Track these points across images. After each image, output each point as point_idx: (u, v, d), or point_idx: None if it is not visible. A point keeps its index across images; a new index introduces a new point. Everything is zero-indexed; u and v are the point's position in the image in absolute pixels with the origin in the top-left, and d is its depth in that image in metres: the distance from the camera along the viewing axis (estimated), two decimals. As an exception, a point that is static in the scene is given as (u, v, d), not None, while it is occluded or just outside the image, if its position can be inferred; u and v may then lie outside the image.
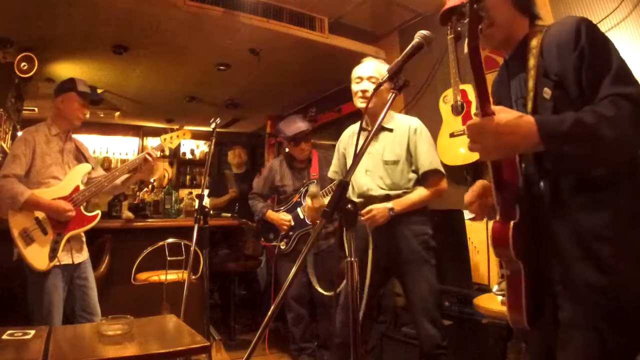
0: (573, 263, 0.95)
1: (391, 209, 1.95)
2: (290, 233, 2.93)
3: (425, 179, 2.04)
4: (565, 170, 0.93)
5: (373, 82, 2.04)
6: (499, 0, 1.10)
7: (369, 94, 2.00)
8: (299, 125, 3.00)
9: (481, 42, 1.15)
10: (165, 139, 2.61)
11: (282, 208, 3.06)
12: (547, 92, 1.00)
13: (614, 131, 0.86)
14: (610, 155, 0.92)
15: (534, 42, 1.07)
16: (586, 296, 0.92)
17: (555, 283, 1.02)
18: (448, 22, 1.32)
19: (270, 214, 3.02)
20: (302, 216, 2.92)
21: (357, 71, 2.12)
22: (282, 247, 2.95)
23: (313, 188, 2.14)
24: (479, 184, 1.20)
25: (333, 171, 2.34)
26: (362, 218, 1.94)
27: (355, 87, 2.11)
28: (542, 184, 1.02)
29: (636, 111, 0.88)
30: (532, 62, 1.05)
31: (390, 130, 2.10)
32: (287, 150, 3.20)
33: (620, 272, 0.91)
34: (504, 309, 1.08)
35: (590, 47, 0.96)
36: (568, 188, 0.97)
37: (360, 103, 2.08)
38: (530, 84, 1.04)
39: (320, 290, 2.44)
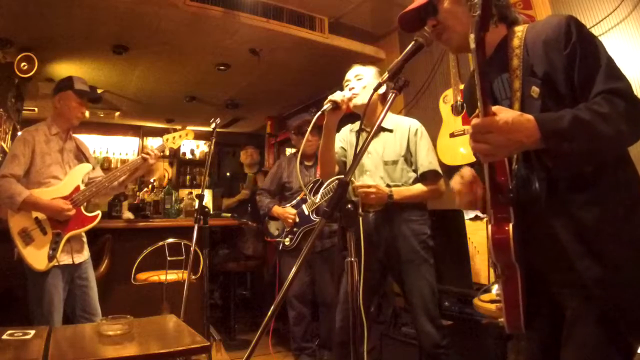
0: (577, 260, 0.94)
1: (390, 196, 1.95)
2: (295, 229, 2.96)
3: (424, 178, 2.05)
4: (562, 166, 0.93)
5: (359, 79, 2.06)
6: (455, 9, 1.10)
7: (355, 91, 2.00)
8: (304, 115, 3.07)
9: (443, 45, 1.18)
10: (167, 139, 2.59)
11: (287, 204, 3.10)
12: (535, 91, 1.00)
13: (610, 127, 0.88)
14: (606, 150, 0.94)
15: (515, 43, 1.07)
16: (592, 291, 0.93)
17: (555, 282, 1.02)
18: (411, 28, 1.18)
19: (276, 209, 3.07)
20: (307, 212, 2.96)
21: (345, 77, 2.14)
22: (287, 243, 2.98)
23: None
24: (469, 172, 1.18)
25: None
26: (359, 189, 1.92)
27: (345, 90, 2.08)
28: (536, 184, 1.02)
29: (629, 106, 0.91)
30: (515, 62, 1.05)
31: (390, 130, 2.10)
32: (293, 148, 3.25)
33: (623, 265, 0.92)
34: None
35: (582, 45, 0.97)
36: (564, 187, 0.97)
37: (352, 102, 1.96)
38: (517, 84, 1.04)
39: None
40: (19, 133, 3.63)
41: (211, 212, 2.48)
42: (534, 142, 0.89)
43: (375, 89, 1.25)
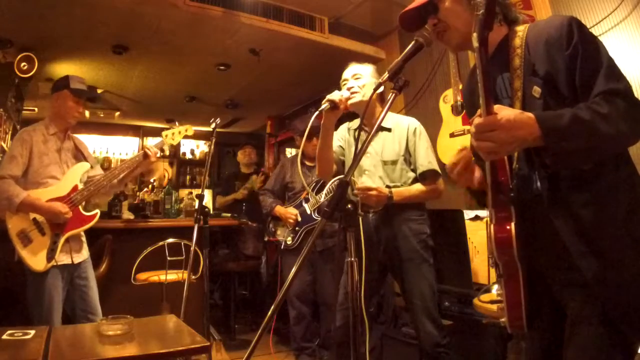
0: (579, 259, 0.95)
1: (389, 197, 1.95)
2: (297, 228, 2.99)
3: (423, 178, 2.05)
4: (560, 164, 0.94)
5: (357, 79, 2.04)
6: (456, 7, 1.11)
7: (354, 89, 1.99)
8: (308, 117, 3.10)
9: (443, 44, 1.17)
10: (166, 135, 2.58)
11: (290, 204, 3.14)
12: (536, 91, 1.01)
13: (610, 127, 0.89)
14: (605, 149, 0.95)
15: (517, 42, 1.07)
16: (594, 291, 0.93)
17: (556, 281, 1.02)
18: (412, 27, 1.18)
19: (279, 208, 3.11)
20: (309, 211, 2.99)
21: (342, 76, 2.12)
22: (289, 242, 3.00)
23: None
24: (464, 150, 1.16)
25: None
26: (359, 191, 1.92)
27: (343, 89, 2.03)
28: (537, 183, 1.03)
29: (628, 107, 0.91)
30: (517, 61, 1.05)
31: (389, 129, 2.10)
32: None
33: (624, 265, 0.92)
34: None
35: (583, 45, 0.97)
36: (565, 186, 0.98)
37: (351, 101, 1.92)
38: (517, 83, 1.04)
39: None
40: (19, 133, 3.62)
41: (211, 212, 2.48)
42: (535, 139, 0.89)
43: (375, 89, 1.25)
